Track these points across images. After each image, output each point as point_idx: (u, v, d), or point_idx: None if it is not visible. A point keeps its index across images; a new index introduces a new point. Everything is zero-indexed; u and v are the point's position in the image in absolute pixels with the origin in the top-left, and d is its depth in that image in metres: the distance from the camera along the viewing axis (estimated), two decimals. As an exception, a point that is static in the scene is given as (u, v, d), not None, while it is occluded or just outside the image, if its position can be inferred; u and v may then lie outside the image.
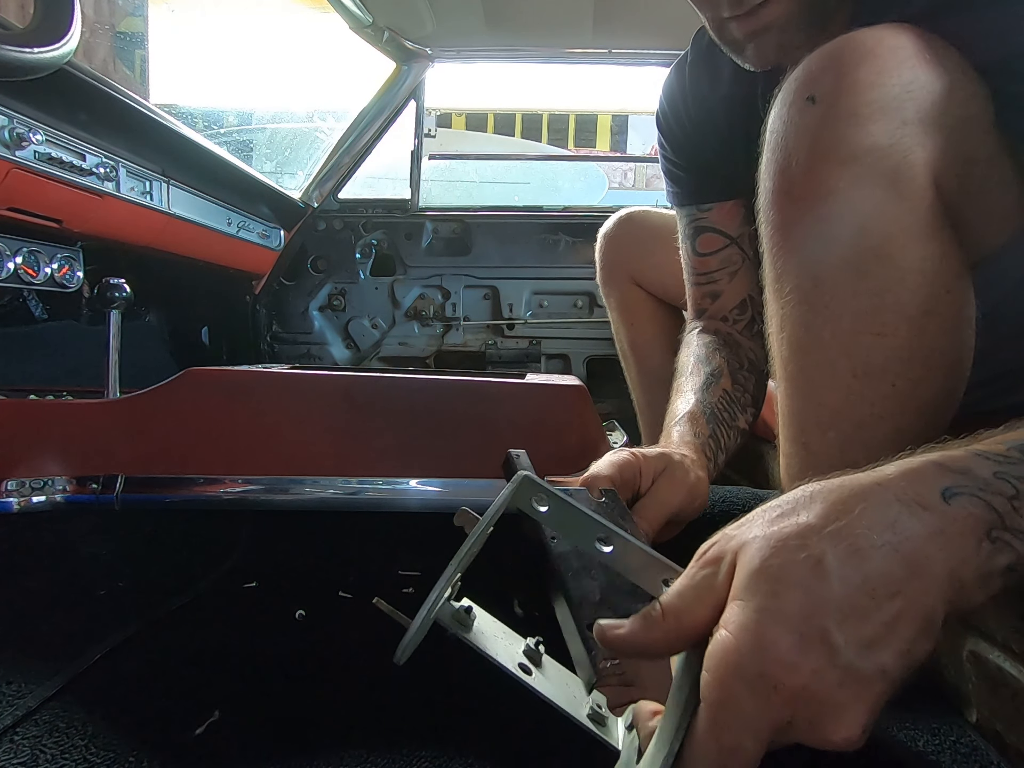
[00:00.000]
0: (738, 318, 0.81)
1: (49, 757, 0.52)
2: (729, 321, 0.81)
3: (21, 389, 1.06)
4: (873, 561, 0.30)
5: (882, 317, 0.49)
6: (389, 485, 0.91)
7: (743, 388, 0.76)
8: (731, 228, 0.81)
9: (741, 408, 0.74)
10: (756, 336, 0.80)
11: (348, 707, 0.61)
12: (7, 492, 0.85)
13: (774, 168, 0.52)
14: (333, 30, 1.96)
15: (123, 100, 1.10)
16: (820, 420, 0.53)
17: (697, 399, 0.72)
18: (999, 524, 0.32)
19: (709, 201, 0.83)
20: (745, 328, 0.81)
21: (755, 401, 0.77)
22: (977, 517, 0.32)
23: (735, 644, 0.30)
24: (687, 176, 0.84)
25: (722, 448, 0.70)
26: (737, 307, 0.81)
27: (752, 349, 0.80)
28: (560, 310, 2.12)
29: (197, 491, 0.90)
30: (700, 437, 0.67)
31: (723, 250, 0.82)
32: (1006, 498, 0.32)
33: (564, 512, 0.39)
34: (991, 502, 0.32)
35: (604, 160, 6.85)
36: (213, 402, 0.94)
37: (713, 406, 0.72)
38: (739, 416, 0.74)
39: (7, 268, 1.06)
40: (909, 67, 0.47)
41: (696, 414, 0.70)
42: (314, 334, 2.11)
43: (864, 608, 0.30)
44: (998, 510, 0.32)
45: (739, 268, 0.81)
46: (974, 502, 0.32)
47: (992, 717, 0.57)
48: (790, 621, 0.30)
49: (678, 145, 0.84)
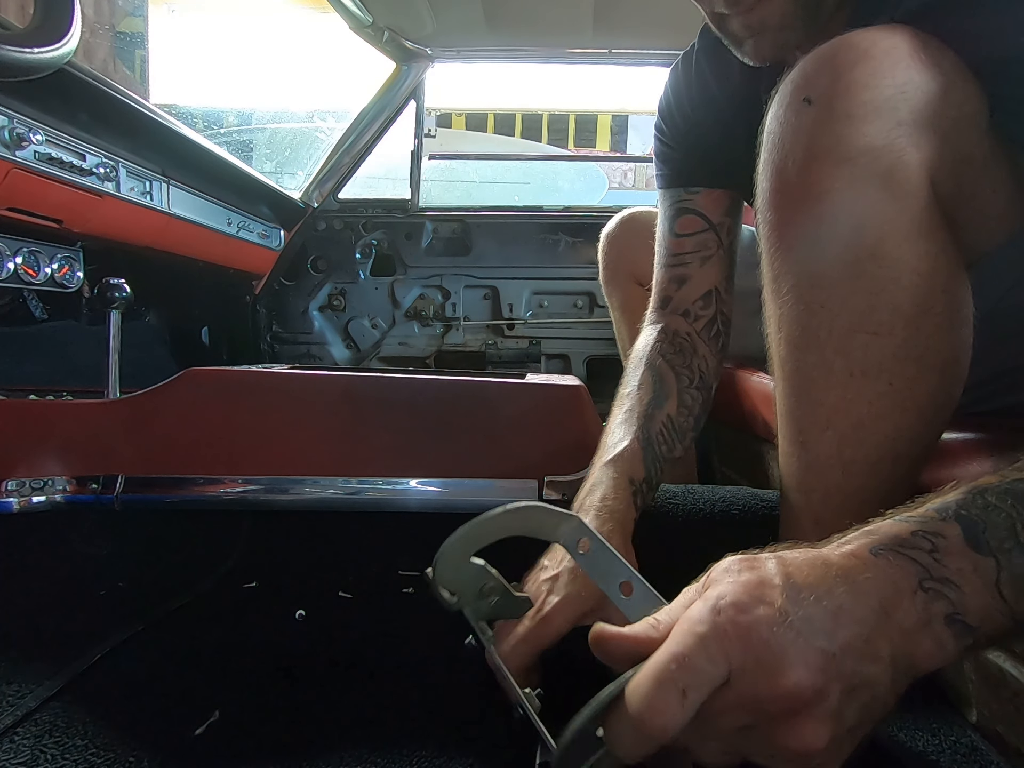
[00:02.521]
0: (700, 313, 0.79)
1: (49, 757, 0.52)
2: (691, 316, 0.79)
3: (21, 389, 1.06)
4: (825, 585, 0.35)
5: (878, 316, 0.49)
6: (389, 485, 0.91)
7: (688, 411, 0.74)
8: (713, 215, 0.81)
9: (680, 436, 0.72)
10: (713, 339, 0.79)
11: (348, 707, 0.61)
12: (7, 492, 0.86)
13: (771, 169, 0.52)
14: (333, 30, 1.96)
15: (123, 100, 1.10)
16: (818, 419, 0.53)
17: (638, 429, 0.70)
18: (927, 575, 0.35)
19: (698, 185, 0.82)
20: (704, 328, 0.79)
21: (696, 424, 0.75)
22: (904, 568, 0.35)
23: (695, 607, 0.35)
24: (681, 158, 0.84)
25: (652, 487, 0.68)
26: (702, 298, 0.79)
27: (706, 357, 0.78)
28: (560, 310, 2.12)
29: (197, 491, 0.90)
30: (633, 487, 0.66)
31: (700, 233, 0.81)
32: (926, 551, 0.36)
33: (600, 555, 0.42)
34: (913, 556, 0.35)
35: (604, 160, 6.84)
36: (213, 402, 0.94)
37: (653, 439, 0.70)
38: (677, 446, 0.72)
39: (7, 268, 1.06)
40: (904, 68, 0.48)
41: (634, 452, 0.68)
42: (314, 334, 2.11)
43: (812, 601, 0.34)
44: (921, 563, 0.35)
45: (712, 255, 0.80)
46: (897, 556, 0.36)
47: (992, 717, 0.57)
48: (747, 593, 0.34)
49: (675, 128, 0.84)
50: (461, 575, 0.45)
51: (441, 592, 0.45)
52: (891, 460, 0.52)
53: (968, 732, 0.60)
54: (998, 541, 0.36)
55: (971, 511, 0.37)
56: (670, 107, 0.84)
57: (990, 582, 0.35)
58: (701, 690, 0.33)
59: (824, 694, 0.33)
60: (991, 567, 0.35)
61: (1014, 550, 0.35)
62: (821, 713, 0.33)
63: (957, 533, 0.36)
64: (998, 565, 0.35)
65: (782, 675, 0.32)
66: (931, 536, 0.36)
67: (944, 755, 0.57)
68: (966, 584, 0.35)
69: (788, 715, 0.33)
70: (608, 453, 0.68)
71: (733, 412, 1.23)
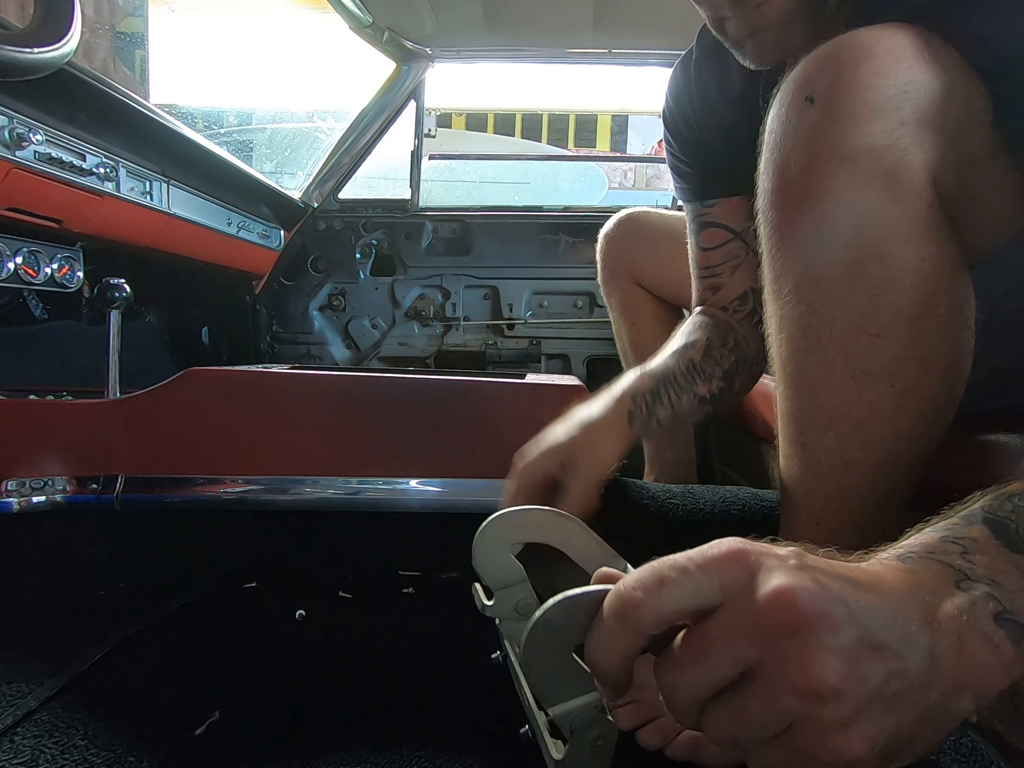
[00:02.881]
0: (738, 308, 0.81)
1: (49, 757, 0.52)
2: (729, 311, 0.82)
3: (21, 389, 1.06)
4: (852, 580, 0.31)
5: (880, 317, 0.49)
6: (389, 485, 0.91)
7: (715, 362, 0.76)
8: (735, 223, 0.81)
9: (705, 378, 0.74)
10: (754, 327, 0.80)
11: (348, 707, 0.61)
12: (7, 492, 0.86)
13: (772, 168, 0.52)
14: (333, 30, 1.96)
15: (123, 100, 1.10)
16: (819, 421, 0.53)
17: (657, 361, 0.74)
18: (962, 576, 0.32)
19: (713, 197, 0.83)
20: (744, 318, 0.81)
21: (726, 376, 0.76)
22: (935, 572, 0.32)
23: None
24: (693, 172, 0.84)
25: (663, 403, 0.70)
26: (738, 299, 0.81)
27: (745, 336, 0.79)
28: (560, 310, 2.12)
29: (197, 491, 0.90)
30: (634, 387, 0.70)
31: (726, 244, 0.82)
32: (956, 554, 0.33)
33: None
34: (944, 560, 0.33)
35: (604, 160, 6.83)
36: (213, 402, 0.94)
37: (671, 369, 0.73)
38: (699, 384, 0.73)
39: (7, 268, 1.06)
40: (906, 67, 0.47)
41: (646, 372, 0.72)
42: (314, 334, 2.11)
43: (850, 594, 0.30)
44: (953, 565, 0.32)
45: (741, 262, 0.81)
46: (928, 561, 0.33)
47: (992, 717, 0.57)
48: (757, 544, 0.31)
49: (683, 141, 0.84)
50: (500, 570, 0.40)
51: (481, 595, 0.43)
52: (892, 461, 0.52)
53: (968, 732, 0.60)
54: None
55: (999, 514, 0.35)
56: (674, 118, 0.84)
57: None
58: (682, 590, 0.30)
59: (871, 699, 0.28)
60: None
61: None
62: (867, 717, 0.28)
63: (987, 535, 0.34)
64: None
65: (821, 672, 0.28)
66: (960, 540, 0.34)
67: (944, 755, 0.57)
68: (1010, 582, 0.32)
69: (825, 720, 0.28)
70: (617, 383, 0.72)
71: (733, 412, 1.23)
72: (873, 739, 0.28)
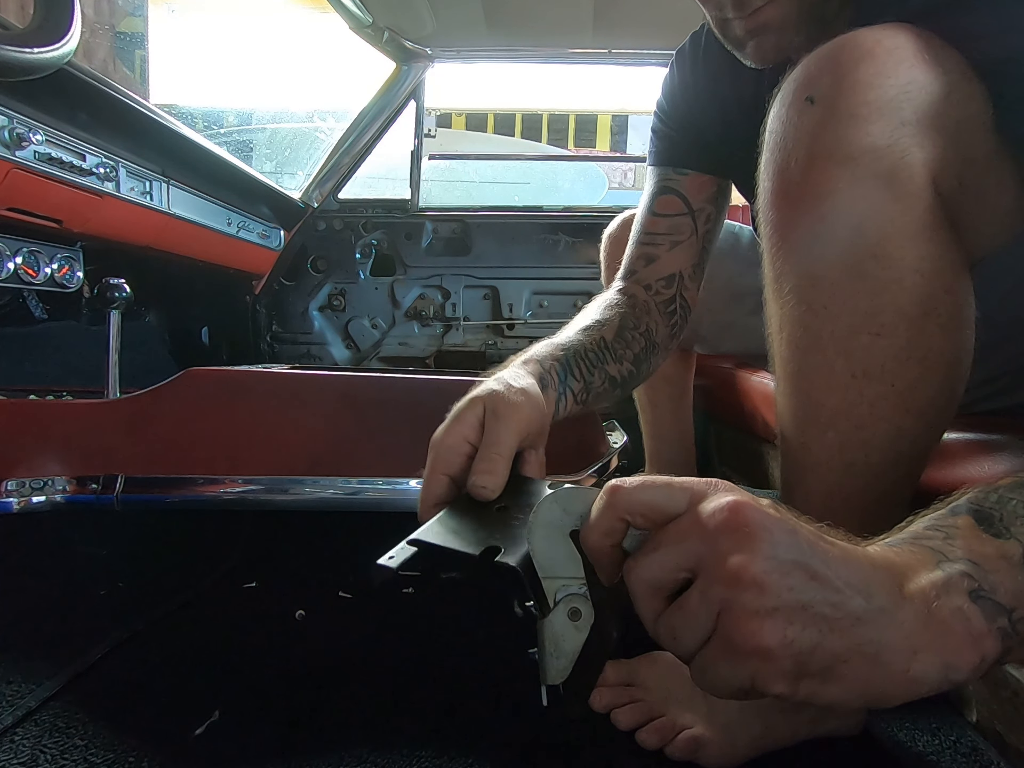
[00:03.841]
0: (662, 290, 0.80)
1: (49, 757, 0.52)
2: (652, 290, 0.80)
3: (21, 389, 1.06)
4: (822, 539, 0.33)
5: (880, 317, 0.49)
6: (389, 485, 0.91)
7: (626, 344, 0.74)
8: (695, 199, 0.81)
9: (615, 358, 0.72)
10: (668, 314, 0.80)
11: (348, 707, 0.61)
12: (7, 492, 0.86)
13: (773, 168, 0.52)
14: (333, 30, 1.96)
15: (123, 100, 1.10)
16: (819, 420, 0.53)
17: (567, 336, 0.70)
18: (943, 557, 0.33)
19: (688, 167, 0.82)
20: (662, 303, 0.80)
21: (635, 360, 0.75)
22: (918, 554, 0.34)
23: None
24: (677, 137, 0.83)
25: (575, 376, 0.66)
26: (665, 279, 0.80)
27: (657, 321, 0.79)
28: (560, 310, 2.11)
29: (197, 491, 0.90)
30: (542, 355, 0.65)
31: (677, 216, 0.81)
32: (939, 539, 0.35)
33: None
34: (927, 544, 0.35)
35: (604, 160, 6.84)
36: (213, 402, 0.94)
37: (581, 343, 0.69)
38: (610, 363, 0.71)
39: (7, 268, 1.06)
40: (907, 67, 0.47)
41: (554, 343, 0.68)
42: (314, 334, 2.11)
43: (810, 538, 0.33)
44: (936, 548, 0.34)
45: (683, 240, 0.80)
46: (911, 545, 0.35)
47: (992, 717, 0.57)
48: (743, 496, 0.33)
49: (677, 109, 0.83)
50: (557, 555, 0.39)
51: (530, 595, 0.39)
52: (892, 461, 0.52)
53: (968, 732, 0.60)
54: (1018, 526, 0.34)
55: (984, 505, 0.36)
56: (674, 89, 0.84)
57: (1017, 563, 0.33)
58: (658, 492, 0.34)
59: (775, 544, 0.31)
60: (1017, 550, 0.33)
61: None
62: (767, 553, 0.31)
63: (971, 523, 0.35)
64: (1021, 546, 0.33)
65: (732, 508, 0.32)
66: (943, 527, 0.35)
67: (944, 755, 0.57)
68: (989, 563, 0.33)
69: (728, 538, 0.32)
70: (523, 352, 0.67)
71: (733, 412, 1.23)
72: (786, 638, 0.30)
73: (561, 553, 0.38)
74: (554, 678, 0.37)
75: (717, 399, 1.36)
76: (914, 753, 0.57)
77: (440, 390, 0.96)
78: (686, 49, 0.83)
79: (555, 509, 0.38)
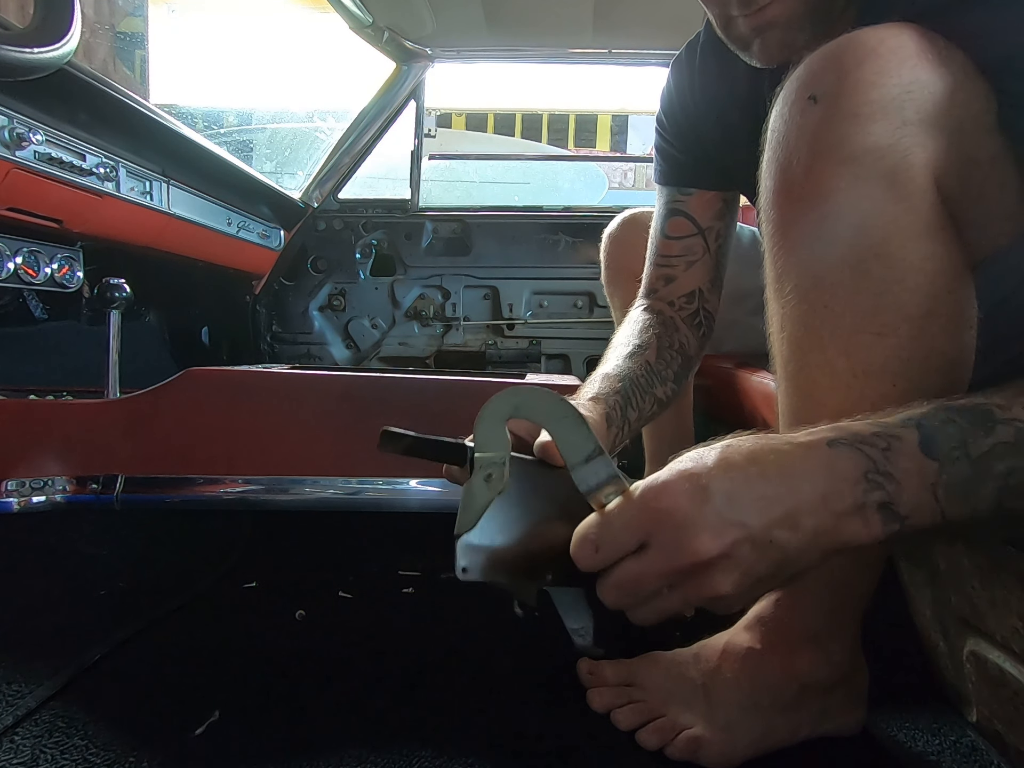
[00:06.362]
0: (684, 305, 0.83)
1: (49, 757, 0.52)
2: (675, 306, 0.83)
3: (21, 389, 1.06)
4: (759, 466, 0.40)
5: (882, 317, 0.49)
6: (389, 485, 0.91)
7: (666, 364, 0.78)
8: (703, 219, 0.82)
9: (661, 380, 0.77)
10: (695, 327, 0.83)
11: (348, 707, 0.61)
12: (7, 492, 0.85)
13: (775, 167, 0.52)
14: (333, 30, 1.96)
15: (123, 100, 1.10)
16: (820, 420, 0.53)
17: (617, 364, 0.75)
18: (873, 468, 0.39)
19: (692, 186, 0.83)
20: (688, 317, 0.83)
21: (676, 378, 0.79)
22: (855, 461, 0.40)
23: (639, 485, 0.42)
24: (680, 157, 0.84)
25: (632, 406, 0.72)
26: (686, 296, 0.83)
27: (687, 336, 0.82)
28: (560, 310, 2.12)
29: (197, 491, 0.90)
30: (605, 391, 0.71)
31: (688, 238, 0.83)
32: (879, 449, 0.40)
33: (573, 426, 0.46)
34: (865, 451, 0.40)
35: (604, 160, 6.83)
36: (213, 402, 0.94)
37: (632, 371, 0.74)
38: (657, 386, 0.76)
39: (7, 268, 1.06)
40: (910, 67, 0.47)
41: (611, 374, 0.73)
42: (314, 334, 2.11)
43: (740, 479, 0.40)
44: (872, 457, 0.40)
45: (698, 260, 0.83)
46: (852, 450, 0.40)
47: (992, 717, 0.57)
48: (679, 477, 0.41)
49: (677, 125, 0.84)
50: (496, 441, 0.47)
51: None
52: (893, 461, 0.52)
53: (968, 732, 0.60)
54: (948, 449, 0.40)
55: (932, 422, 0.41)
56: (672, 102, 0.84)
57: (928, 483, 0.39)
58: (610, 551, 0.41)
59: (729, 555, 0.39)
60: (933, 470, 0.40)
61: (959, 460, 0.40)
62: (728, 566, 0.39)
63: (914, 438, 0.40)
64: (940, 470, 0.40)
65: (689, 544, 0.38)
66: (888, 437, 0.40)
67: (944, 755, 0.57)
68: (906, 480, 0.39)
69: (698, 573, 0.39)
70: (587, 382, 0.73)
71: (733, 412, 1.23)
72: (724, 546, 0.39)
73: (494, 435, 0.46)
74: (460, 528, 0.44)
75: (717, 399, 1.36)
76: (914, 753, 0.57)
77: (440, 390, 0.96)
78: (682, 57, 0.84)
79: (499, 403, 0.46)
